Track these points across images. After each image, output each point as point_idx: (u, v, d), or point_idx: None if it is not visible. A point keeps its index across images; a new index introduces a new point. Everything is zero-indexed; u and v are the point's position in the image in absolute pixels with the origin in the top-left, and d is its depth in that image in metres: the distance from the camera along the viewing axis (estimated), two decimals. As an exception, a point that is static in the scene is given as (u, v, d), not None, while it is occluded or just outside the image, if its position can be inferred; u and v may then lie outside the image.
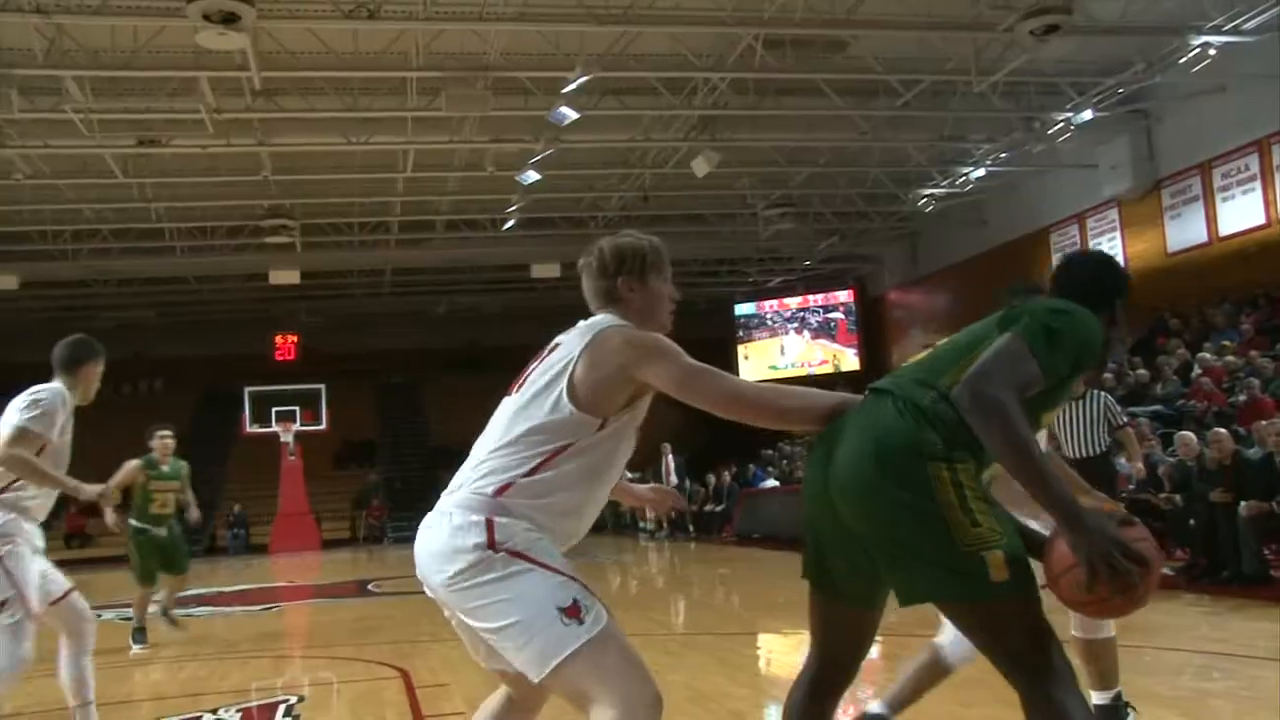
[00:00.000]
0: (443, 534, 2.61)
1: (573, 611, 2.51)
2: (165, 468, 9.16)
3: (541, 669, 2.48)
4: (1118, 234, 20.79)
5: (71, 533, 27.93)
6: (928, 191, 23.27)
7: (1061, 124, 18.71)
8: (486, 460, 2.66)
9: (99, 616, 12.26)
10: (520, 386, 2.76)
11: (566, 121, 17.13)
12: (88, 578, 21.49)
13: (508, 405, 2.76)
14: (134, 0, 13.56)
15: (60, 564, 17.83)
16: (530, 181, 20.22)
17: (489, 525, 2.57)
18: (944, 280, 27.05)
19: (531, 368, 2.79)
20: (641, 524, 24.23)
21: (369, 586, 13.85)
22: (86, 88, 15.77)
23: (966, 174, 22.09)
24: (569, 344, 2.74)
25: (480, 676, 6.09)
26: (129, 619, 11.99)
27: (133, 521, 8.97)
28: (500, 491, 2.60)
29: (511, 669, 2.64)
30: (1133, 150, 19.71)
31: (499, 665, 2.72)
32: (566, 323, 2.92)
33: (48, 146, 17.72)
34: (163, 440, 9.18)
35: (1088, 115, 18.36)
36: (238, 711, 5.67)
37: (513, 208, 22.71)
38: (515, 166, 19.85)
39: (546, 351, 2.80)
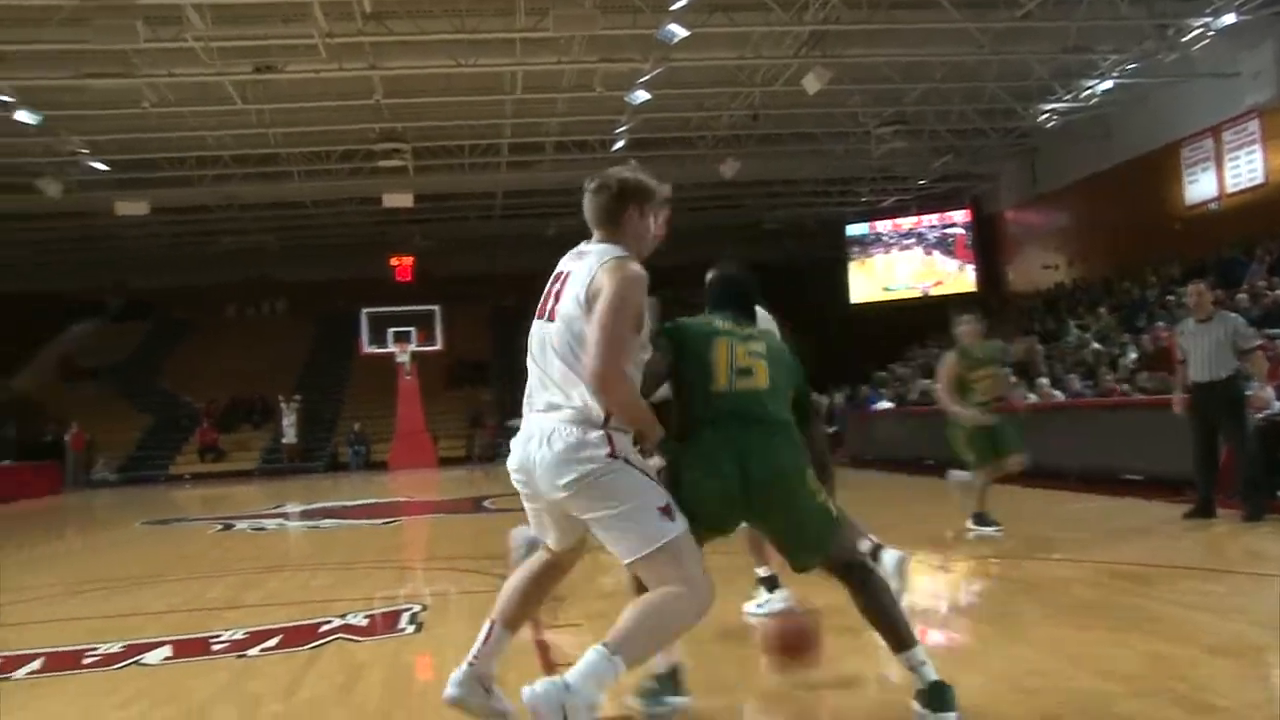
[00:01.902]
0: (567, 445, 3.23)
1: (666, 511, 3.23)
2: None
3: (637, 553, 3.20)
4: (1258, 147, 19.75)
5: (205, 446, 29.18)
6: (1049, 106, 22.40)
7: (1199, 29, 17.69)
8: (577, 388, 3.28)
9: (231, 527, 12.77)
10: (552, 315, 3.39)
11: (675, 40, 16.88)
12: (221, 491, 22.54)
13: (552, 332, 3.38)
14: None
15: (195, 477, 18.78)
16: (639, 101, 20.05)
17: (610, 438, 3.23)
18: (1065, 198, 26.16)
19: (553, 293, 3.43)
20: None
21: (485, 503, 14.16)
22: (206, 16, 16.10)
23: (1091, 87, 21.17)
24: (582, 273, 3.33)
25: (595, 591, 6.23)
26: (260, 529, 12.58)
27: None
28: (609, 417, 3.24)
29: (571, 549, 3.54)
30: (1278, 55, 18.61)
31: (565, 544, 3.53)
32: (675, 244, 3.04)
33: (172, 75, 18.16)
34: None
35: (1229, 19, 17.33)
36: (365, 617, 5.89)
37: (621, 128, 22.59)
38: (624, 86, 19.69)
39: (563, 279, 3.41)
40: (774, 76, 20.46)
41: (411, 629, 5.63)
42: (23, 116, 19.18)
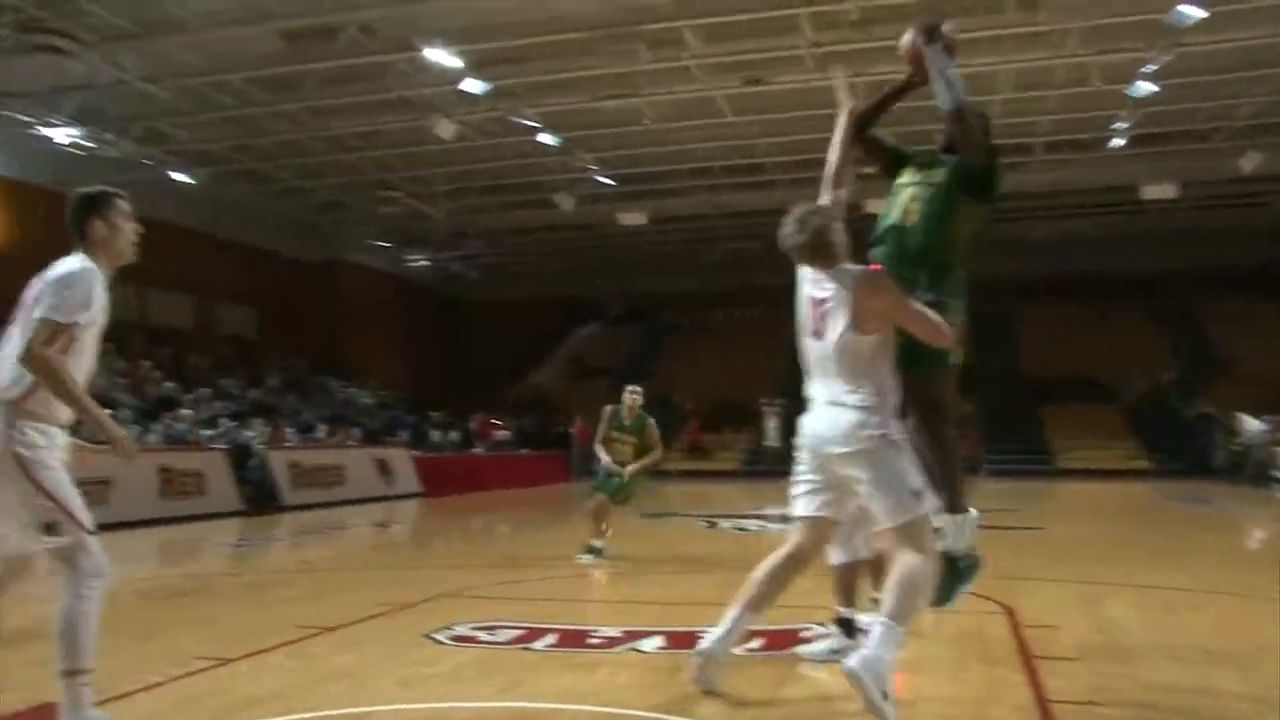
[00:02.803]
0: (852, 423, 4.16)
1: (918, 494, 4.13)
2: None
3: (890, 521, 4.12)
4: None
5: (692, 446, 30.90)
6: None
7: None
8: (858, 383, 4.19)
9: (715, 525, 13.37)
10: (821, 333, 4.27)
11: (1188, 23, 15.38)
12: (706, 489, 23.71)
13: (829, 348, 4.24)
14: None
15: (682, 474, 19.71)
16: (1142, 94, 18.49)
17: (886, 423, 4.18)
18: None
19: (816, 315, 4.29)
20: (1275, 473, 21.47)
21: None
22: (701, 35, 17.02)
23: None
24: (844, 300, 4.21)
25: (1090, 623, 5.80)
26: (742, 529, 13.06)
27: None
28: (885, 404, 4.20)
29: (834, 531, 4.61)
30: None
31: (834, 514, 4.42)
32: (1179, 247, 2.70)
33: (669, 93, 19.42)
34: None
35: None
36: (843, 627, 5.87)
37: (1120, 124, 20.96)
38: (1124, 79, 18.25)
39: (821, 304, 4.28)
40: (1312, 53, 17.96)
41: (891, 643, 5.53)
42: (545, 139, 21.54)
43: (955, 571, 4.62)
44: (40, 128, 19.79)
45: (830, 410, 4.23)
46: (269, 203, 26.73)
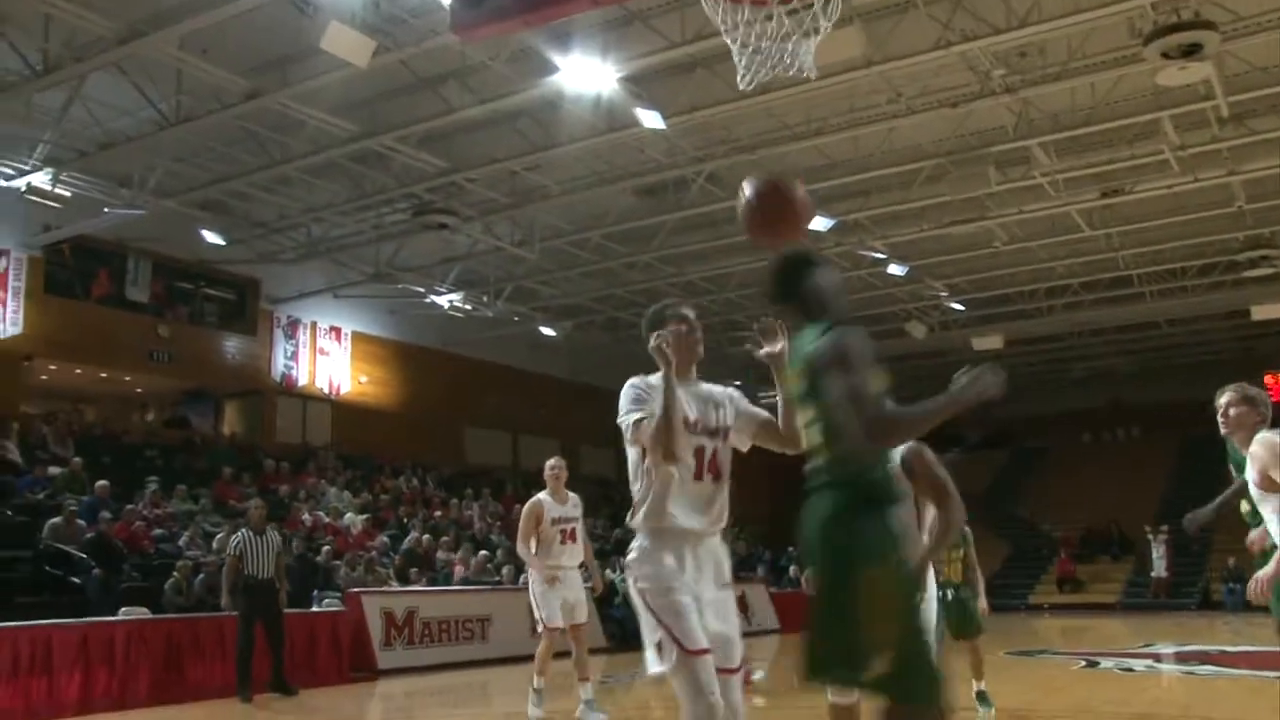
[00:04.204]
0: None
1: None
2: None
3: None
4: None
5: (1063, 577, 28.88)
6: None
7: None
8: None
9: (1096, 665, 12.31)
10: None
11: None
12: (1082, 624, 21.93)
13: None
14: (1091, 58, 13.83)
15: (1053, 607, 18.63)
16: None
17: None
18: None
19: None
20: None
21: None
22: (1051, 151, 16.48)
23: None
24: None
25: None
26: (1128, 669, 11.95)
27: None
28: None
29: None
30: None
31: None
32: None
33: (1021, 212, 18.83)
34: None
35: None
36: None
37: None
38: None
39: None
40: None
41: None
42: (893, 269, 21.46)
43: None
44: (430, 296, 22.10)
45: None
46: (625, 348, 28.13)
